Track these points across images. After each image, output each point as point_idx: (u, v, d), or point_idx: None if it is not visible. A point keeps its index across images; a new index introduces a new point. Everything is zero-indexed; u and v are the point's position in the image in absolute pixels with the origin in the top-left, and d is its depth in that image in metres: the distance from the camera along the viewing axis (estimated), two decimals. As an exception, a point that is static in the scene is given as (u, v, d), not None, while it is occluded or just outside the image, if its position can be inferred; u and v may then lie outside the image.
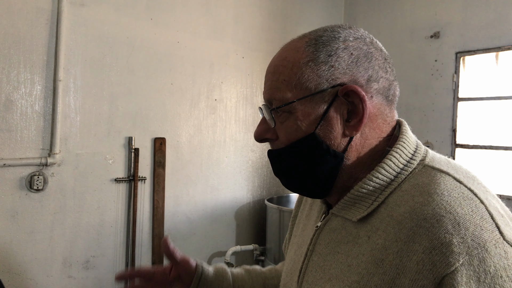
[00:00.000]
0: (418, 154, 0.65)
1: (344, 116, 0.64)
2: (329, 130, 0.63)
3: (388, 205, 0.61)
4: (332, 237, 0.68)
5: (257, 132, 0.72)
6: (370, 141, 0.65)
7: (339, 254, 0.65)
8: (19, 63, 1.94)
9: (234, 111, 2.76)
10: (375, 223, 0.61)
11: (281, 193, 3.01)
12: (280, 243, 2.54)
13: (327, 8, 3.32)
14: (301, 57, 0.64)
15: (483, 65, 2.67)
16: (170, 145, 2.46)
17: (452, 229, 0.52)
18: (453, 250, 0.51)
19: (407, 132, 0.67)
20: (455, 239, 0.51)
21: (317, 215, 0.78)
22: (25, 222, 1.98)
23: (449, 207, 0.54)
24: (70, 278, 2.12)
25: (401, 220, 0.57)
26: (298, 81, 0.63)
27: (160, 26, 2.38)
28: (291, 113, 0.64)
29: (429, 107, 2.84)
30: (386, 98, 0.66)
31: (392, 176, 0.63)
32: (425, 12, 2.90)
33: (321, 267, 0.67)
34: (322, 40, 0.64)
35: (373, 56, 0.65)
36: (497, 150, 2.55)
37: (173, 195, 2.48)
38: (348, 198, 0.66)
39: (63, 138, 2.06)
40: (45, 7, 1.99)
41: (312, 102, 0.63)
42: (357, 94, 0.62)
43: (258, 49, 2.87)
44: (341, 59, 0.63)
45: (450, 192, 0.56)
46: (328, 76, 0.63)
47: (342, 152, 0.64)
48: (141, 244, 2.36)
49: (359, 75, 0.63)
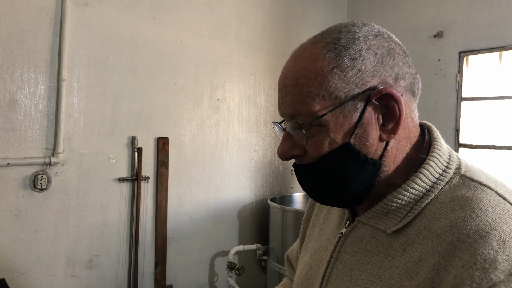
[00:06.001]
0: (452, 162, 0.62)
1: (379, 121, 0.60)
2: (365, 138, 0.59)
3: (424, 217, 0.58)
4: (360, 246, 0.65)
5: (282, 150, 0.64)
6: (402, 142, 0.62)
7: (368, 264, 0.61)
8: (23, 62, 1.94)
9: (237, 111, 2.76)
10: (411, 235, 0.58)
11: (283, 192, 3.01)
12: (283, 242, 2.53)
13: (330, 7, 3.32)
14: (324, 65, 0.58)
15: (487, 65, 2.66)
16: (173, 145, 2.46)
17: (498, 247, 0.50)
18: (496, 267, 0.48)
19: (439, 138, 0.65)
20: (500, 257, 0.49)
21: (339, 221, 0.74)
22: (28, 221, 1.98)
23: (495, 224, 0.52)
24: (73, 277, 2.13)
25: (440, 233, 0.55)
26: (325, 91, 0.58)
27: (163, 26, 2.38)
28: (322, 126, 0.59)
29: (432, 106, 2.83)
30: (412, 93, 0.64)
31: (428, 186, 0.60)
32: (428, 11, 2.89)
33: (347, 276, 0.64)
34: (342, 43, 0.59)
35: (395, 52, 0.61)
36: (500, 150, 2.54)
37: (176, 194, 2.49)
38: (380, 207, 0.63)
39: (67, 138, 2.07)
40: (49, 6, 2.00)
41: (344, 111, 0.58)
42: (392, 96, 0.58)
43: (261, 48, 2.87)
44: (367, 61, 0.58)
45: (495, 208, 0.54)
46: (357, 81, 0.58)
47: (379, 159, 0.61)
48: (144, 243, 2.36)
49: (387, 74, 0.59)
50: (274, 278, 2.60)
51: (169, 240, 2.47)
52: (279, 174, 3.02)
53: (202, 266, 2.65)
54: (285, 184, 3.05)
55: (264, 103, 2.91)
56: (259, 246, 2.77)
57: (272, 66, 2.94)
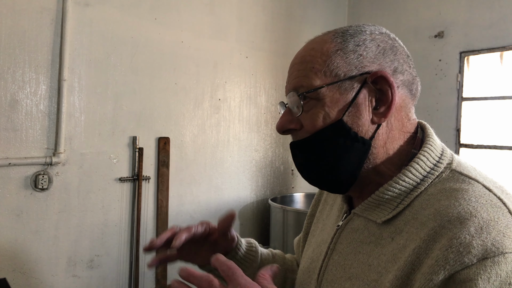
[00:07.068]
0: (444, 157, 0.65)
1: (373, 103, 0.64)
2: (357, 116, 0.63)
3: (413, 207, 0.61)
4: (354, 236, 0.68)
5: (280, 123, 0.69)
6: (394, 132, 0.66)
7: (360, 254, 0.65)
8: (24, 62, 1.94)
9: (237, 111, 2.77)
10: (399, 225, 0.62)
11: (284, 192, 3.01)
12: (284, 242, 2.54)
13: (331, 8, 3.32)
14: (330, 47, 0.65)
15: (488, 65, 2.66)
16: (174, 145, 2.46)
17: (474, 232, 0.52)
18: (470, 251, 0.51)
19: (432, 135, 0.68)
20: (475, 242, 0.51)
21: (338, 214, 0.78)
22: (30, 221, 1.98)
23: (475, 211, 0.54)
24: (74, 277, 2.13)
25: (425, 221, 0.57)
26: (327, 68, 0.64)
27: (164, 26, 2.38)
28: (319, 100, 0.64)
29: (433, 106, 2.83)
30: (410, 91, 0.68)
31: (419, 179, 0.63)
32: (429, 11, 2.89)
33: (341, 265, 0.67)
34: (349, 33, 0.66)
35: (397, 50, 0.67)
36: (501, 150, 2.54)
37: (177, 194, 2.49)
38: (372, 199, 0.66)
39: (68, 138, 2.07)
40: (50, 7, 2.00)
41: (340, 88, 0.63)
42: (386, 80, 0.63)
43: (262, 48, 2.87)
44: (369, 49, 0.64)
45: (478, 198, 0.56)
46: (357, 64, 0.64)
47: (369, 139, 0.64)
48: (145, 243, 2.35)
49: (386, 65, 0.65)
50: (275, 278, 2.60)
51: (170, 240, 2.47)
52: (280, 174, 3.02)
53: (203, 266, 2.65)
54: (286, 184, 3.05)
55: (265, 103, 2.91)
56: (260, 246, 2.77)
57: (273, 66, 2.94)
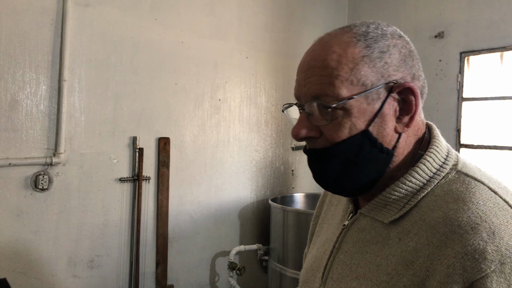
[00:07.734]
0: (450, 158, 0.66)
1: (396, 113, 0.64)
2: (382, 127, 0.63)
3: (420, 208, 0.61)
4: (360, 236, 0.68)
5: (298, 130, 0.65)
6: (411, 138, 0.66)
7: (367, 253, 0.65)
8: (24, 63, 1.95)
9: (238, 111, 2.77)
10: (406, 225, 0.62)
11: (284, 193, 3.01)
12: (284, 243, 2.54)
13: (331, 8, 3.32)
14: (355, 52, 0.62)
15: (488, 65, 2.66)
16: (174, 145, 2.46)
17: (487, 237, 0.53)
18: (486, 257, 0.51)
19: (439, 136, 0.68)
20: (489, 247, 0.52)
21: (343, 214, 0.78)
22: (30, 221, 1.99)
23: (485, 216, 0.55)
24: (74, 277, 2.13)
25: (434, 224, 0.58)
26: (354, 77, 0.61)
27: (164, 26, 2.39)
28: (346, 110, 0.62)
29: (433, 107, 2.83)
30: (421, 95, 0.67)
31: (425, 180, 0.63)
32: (429, 12, 2.89)
33: (347, 265, 0.67)
34: (371, 36, 0.63)
35: (414, 55, 0.67)
36: (501, 150, 2.54)
37: (177, 194, 2.49)
38: (379, 199, 0.66)
39: (68, 138, 2.07)
40: (50, 7, 2.00)
41: (368, 98, 0.62)
42: (413, 91, 0.63)
43: (262, 49, 2.87)
44: (393, 56, 0.63)
45: (486, 201, 0.57)
46: (384, 73, 0.62)
47: (392, 149, 0.64)
48: (146, 243, 2.36)
49: (407, 72, 0.64)
50: (275, 278, 2.60)
51: (170, 240, 2.47)
52: (280, 174, 3.02)
53: (203, 266, 2.65)
54: (286, 184, 3.05)
55: (265, 103, 2.91)
56: (260, 246, 2.77)
57: (273, 66, 2.94)
